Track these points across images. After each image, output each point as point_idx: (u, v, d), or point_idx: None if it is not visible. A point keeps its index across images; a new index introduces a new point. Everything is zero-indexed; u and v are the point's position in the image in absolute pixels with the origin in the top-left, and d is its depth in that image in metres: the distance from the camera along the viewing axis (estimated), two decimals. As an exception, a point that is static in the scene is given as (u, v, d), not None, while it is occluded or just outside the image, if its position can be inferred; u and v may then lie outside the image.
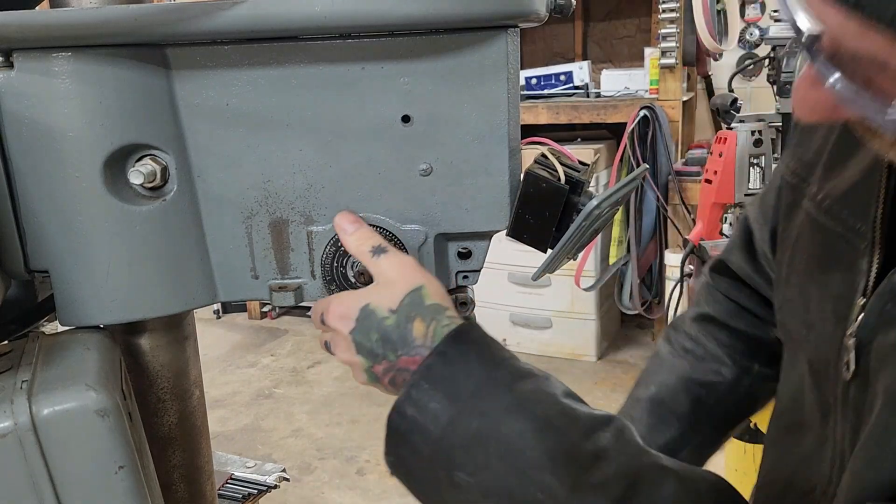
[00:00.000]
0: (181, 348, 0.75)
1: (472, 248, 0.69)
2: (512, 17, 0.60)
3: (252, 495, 1.10)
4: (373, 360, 0.61)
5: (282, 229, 0.67)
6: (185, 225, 0.66)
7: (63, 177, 0.61)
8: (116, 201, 0.62)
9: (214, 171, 0.65)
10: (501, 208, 0.66)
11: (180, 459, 0.76)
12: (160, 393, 0.74)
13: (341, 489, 2.59)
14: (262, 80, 0.63)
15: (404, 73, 0.62)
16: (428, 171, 0.65)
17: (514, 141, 0.65)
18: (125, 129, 0.61)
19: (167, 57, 0.62)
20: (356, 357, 0.61)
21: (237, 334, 4.10)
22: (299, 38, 0.62)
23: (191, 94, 0.63)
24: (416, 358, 0.58)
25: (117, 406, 0.56)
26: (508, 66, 0.62)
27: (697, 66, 3.40)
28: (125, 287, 0.64)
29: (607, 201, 0.61)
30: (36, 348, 0.61)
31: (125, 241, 0.63)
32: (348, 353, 0.62)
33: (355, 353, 0.61)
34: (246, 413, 3.16)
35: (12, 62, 0.59)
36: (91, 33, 0.57)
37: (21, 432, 0.53)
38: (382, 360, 0.60)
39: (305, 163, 0.65)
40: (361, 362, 0.61)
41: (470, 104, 0.63)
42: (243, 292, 0.69)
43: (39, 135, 0.61)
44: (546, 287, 3.35)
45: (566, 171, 0.65)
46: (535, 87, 3.61)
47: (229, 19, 0.57)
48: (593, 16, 4.05)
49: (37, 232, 0.63)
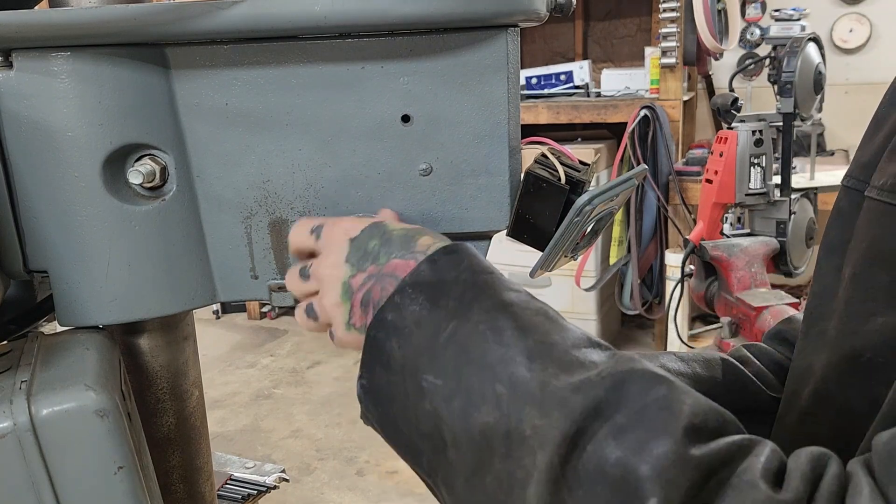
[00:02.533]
0: (180, 349, 0.75)
1: (472, 248, 0.69)
2: (512, 16, 0.60)
3: (251, 496, 1.10)
4: (357, 267, 0.57)
5: (281, 229, 0.67)
6: (184, 225, 0.65)
7: (62, 177, 0.61)
8: (116, 201, 0.62)
9: (214, 171, 0.65)
10: (501, 208, 0.66)
11: (179, 460, 0.76)
12: (159, 393, 0.74)
13: (341, 490, 2.59)
14: (261, 79, 0.63)
15: (404, 72, 0.62)
16: (428, 170, 0.65)
17: (515, 141, 0.65)
18: (124, 128, 0.61)
19: (166, 56, 0.62)
20: (341, 269, 0.58)
21: (236, 334, 4.10)
22: (299, 38, 0.62)
23: (190, 94, 0.63)
24: (409, 262, 0.55)
25: (116, 406, 0.56)
26: (508, 66, 0.62)
27: (698, 66, 3.40)
28: (124, 287, 0.64)
29: (599, 198, 0.61)
30: (35, 348, 0.61)
31: (124, 242, 0.63)
32: (334, 268, 0.58)
33: (343, 262, 0.58)
34: (245, 413, 3.16)
35: (11, 62, 0.59)
36: (90, 33, 0.57)
37: (20, 433, 0.53)
38: (369, 265, 0.56)
39: (305, 163, 0.65)
40: (342, 276, 0.58)
41: (470, 104, 0.63)
42: (243, 292, 0.69)
43: (39, 134, 0.60)
44: (546, 287, 3.35)
45: (566, 170, 0.65)
46: (536, 86, 3.61)
47: (229, 19, 0.57)
48: (594, 15, 4.05)
49: (36, 232, 0.63)
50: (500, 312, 0.50)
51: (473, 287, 0.52)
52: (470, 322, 0.50)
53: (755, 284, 2.15)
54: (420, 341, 0.51)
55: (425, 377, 0.50)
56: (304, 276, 0.62)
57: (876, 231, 0.59)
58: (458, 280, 0.52)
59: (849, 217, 0.63)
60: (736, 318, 2.11)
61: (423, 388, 0.50)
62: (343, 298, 0.58)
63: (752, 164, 2.28)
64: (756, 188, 2.30)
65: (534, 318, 0.50)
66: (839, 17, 3.67)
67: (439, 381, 0.49)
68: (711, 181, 2.34)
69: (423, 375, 0.50)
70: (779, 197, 2.32)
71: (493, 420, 0.46)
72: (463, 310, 0.50)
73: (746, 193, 2.29)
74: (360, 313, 0.57)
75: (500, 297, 0.51)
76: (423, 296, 0.52)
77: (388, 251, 0.56)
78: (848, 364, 0.58)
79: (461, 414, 0.47)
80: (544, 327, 0.49)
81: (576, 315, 3.38)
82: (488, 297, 0.51)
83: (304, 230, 0.63)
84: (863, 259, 0.60)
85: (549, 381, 0.45)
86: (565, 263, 0.69)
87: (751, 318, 2.03)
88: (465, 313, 0.50)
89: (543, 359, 0.47)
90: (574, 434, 0.42)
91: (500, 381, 0.46)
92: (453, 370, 0.49)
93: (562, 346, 0.48)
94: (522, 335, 0.48)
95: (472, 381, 0.47)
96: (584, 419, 0.42)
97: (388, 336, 0.52)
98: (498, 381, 0.46)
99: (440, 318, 0.50)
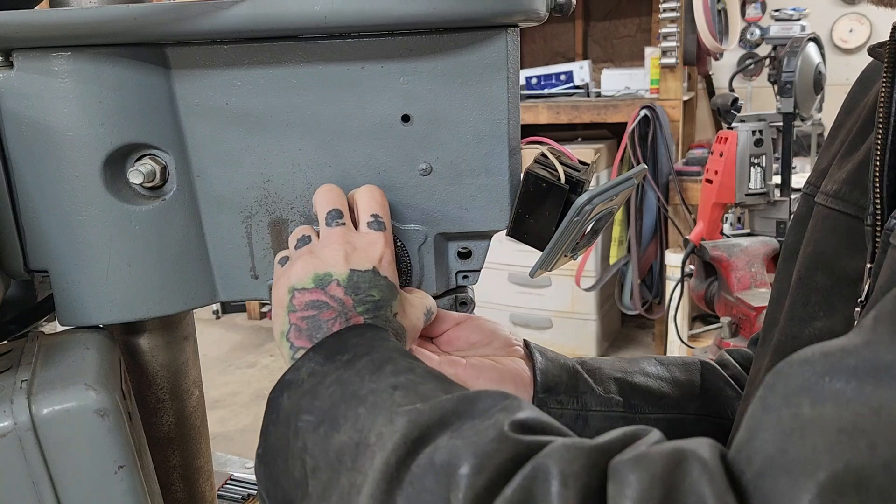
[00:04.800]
0: (180, 348, 0.75)
1: (472, 247, 0.69)
2: (512, 16, 0.60)
3: (251, 496, 1.10)
4: (347, 286, 0.56)
5: (281, 229, 0.67)
6: (184, 225, 0.65)
7: (63, 176, 0.61)
8: (116, 201, 0.62)
9: (214, 171, 0.65)
10: (501, 208, 0.66)
11: (179, 460, 0.76)
12: (159, 393, 0.74)
13: (341, 489, 2.59)
14: (261, 79, 0.63)
15: (404, 72, 0.62)
16: (428, 170, 0.65)
17: (514, 140, 0.65)
18: (125, 128, 0.61)
19: (167, 56, 0.62)
20: (344, 263, 0.57)
21: (236, 334, 4.10)
22: (299, 38, 0.62)
23: (190, 94, 0.63)
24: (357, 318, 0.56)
25: (117, 406, 0.56)
26: (508, 66, 0.62)
27: (698, 66, 3.40)
28: (125, 287, 0.64)
29: (599, 198, 0.61)
30: (35, 348, 0.61)
31: (125, 241, 0.63)
32: (343, 258, 0.57)
33: (349, 266, 0.57)
34: (245, 413, 3.16)
35: (12, 62, 0.59)
36: (91, 33, 0.57)
37: (21, 432, 0.53)
38: (350, 296, 0.56)
39: (305, 162, 0.65)
40: (335, 271, 0.57)
41: (470, 104, 0.63)
42: (243, 292, 0.69)
43: (39, 134, 0.61)
44: (546, 287, 3.35)
45: (566, 170, 0.65)
46: (536, 86, 3.61)
47: (229, 19, 0.57)
48: (594, 15, 4.05)
49: (36, 232, 0.63)
50: (384, 362, 0.51)
51: (368, 346, 0.53)
52: (354, 369, 0.51)
53: (755, 284, 2.15)
54: (306, 388, 0.51)
55: (301, 417, 0.50)
56: (282, 264, 0.62)
57: (819, 235, 0.60)
58: (357, 344, 0.53)
59: (803, 223, 0.64)
60: (736, 318, 2.11)
61: (298, 428, 0.50)
62: (314, 278, 0.57)
63: (752, 164, 2.28)
64: (756, 188, 2.30)
65: (415, 367, 0.51)
66: (839, 17, 3.67)
67: (312, 417, 0.49)
68: (711, 181, 2.34)
69: (301, 416, 0.50)
70: (779, 197, 2.32)
71: (348, 437, 0.46)
72: (353, 361, 0.51)
73: (746, 193, 2.30)
74: (305, 302, 0.57)
75: (389, 354, 0.52)
76: (320, 355, 0.53)
77: (370, 315, 0.57)
78: None
79: (323, 438, 0.48)
80: (422, 374, 0.50)
81: (576, 315, 3.38)
82: (378, 353, 0.52)
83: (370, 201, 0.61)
84: (807, 263, 0.60)
85: (406, 403, 0.46)
86: (565, 263, 0.69)
87: (751, 318, 2.03)
88: (354, 363, 0.51)
89: (408, 390, 0.48)
90: (416, 438, 0.42)
91: (364, 404, 0.47)
92: (328, 405, 0.49)
93: (431, 386, 0.48)
94: (396, 374, 0.49)
95: (339, 409, 0.48)
96: (428, 427, 0.43)
97: (282, 392, 0.53)
98: (362, 404, 0.47)
99: (329, 369, 0.52)
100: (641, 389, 0.70)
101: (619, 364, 0.73)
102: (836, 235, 0.58)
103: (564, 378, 0.68)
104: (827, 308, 0.57)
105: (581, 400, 0.68)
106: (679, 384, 0.72)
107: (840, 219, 0.58)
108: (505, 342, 0.71)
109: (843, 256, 0.57)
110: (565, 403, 0.67)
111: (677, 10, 3.05)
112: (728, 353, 0.78)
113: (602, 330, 3.46)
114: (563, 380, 0.68)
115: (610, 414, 0.68)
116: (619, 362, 0.73)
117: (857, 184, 0.57)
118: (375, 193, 0.62)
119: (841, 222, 0.58)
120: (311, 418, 0.49)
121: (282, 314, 0.58)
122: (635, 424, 0.41)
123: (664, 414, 0.69)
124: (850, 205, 0.57)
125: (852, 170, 0.58)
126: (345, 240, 0.59)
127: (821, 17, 3.59)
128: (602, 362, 0.72)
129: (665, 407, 0.70)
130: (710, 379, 0.73)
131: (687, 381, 0.72)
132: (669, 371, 0.73)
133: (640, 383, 0.70)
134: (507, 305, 3.44)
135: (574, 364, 0.70)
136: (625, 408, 0.68)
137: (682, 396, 0.71)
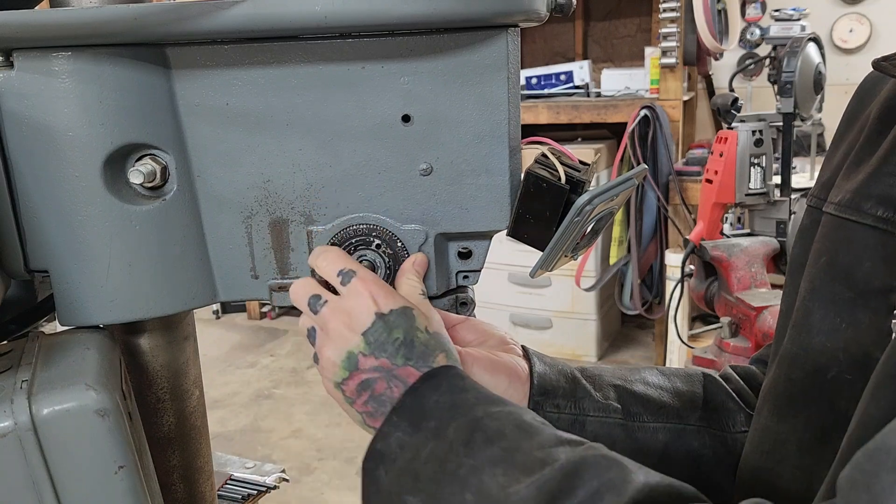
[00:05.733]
0: (181, 348, 0.75)
1: (472, 247, 0.69)
2: (512, 16, 0.60)
3: (251, 496, 1.10)
4: (372, 349, 0.59)
5: (282, 229, 0.67)
6: (184, 225, 0.65)
7: (63, 176, 0.61)
8: (116, 201, 0.62)
9: (214, 171, 0.65)
10: (502, 208, 0.66)
11: (179, 460, 0.76)
12: (160, 393, 0.74)
13: (341, 490, 2.59)
14: (262, 79, 0.63)
15: (404, 72, 0.62)
16: (428, 170, 0.65)
17: (515, 141, 0.65)
18: (125, 128, 0.61)
19: (167, 56, 0.62)
20: (355, 338, 0.60)
21: (236, 334, 4.10)
22: (300, 38, 0.62)
23: (191, 94, 0.63)
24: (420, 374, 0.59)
25: (117, 406, 0.56)
26: (509, 66, 0.62)
27: (698, 66, 3.40)
28: (125, 287, 0.64)
29: (599, 198, 0.61)
30: (36, 348, 0.61)
31: (125, 241, 0.63)
32: (348, 331, 0.60)
33: (360, 332, 0.60)
34: (245, 413, 3.16)
35: (12, 62, 0.59)
36: (91, 33, 0.57)
37: (21, 432, 0.53)
38: (384, 357, 0.59)
39: (305, 162, 0.65)
40: (353, 345, 0.60)
41: (470, 104, 0.63)
42: (243, 292, 0.69)
43: (39, 134, 0.61)
44: (546, 287, 3.35)
45: (567, 170, 0.65)
46: (536, 86, 3.61)
47: (229, 19, 0.57)
48: (594, 15, 4.05)
49: (37, 231, 0.63)
50: (473, 427, 0.53)
51: (451, 408, 0.55)
52: (446, 441, 0.53)
53: (755, 284, 2.15)
54: (402, 464, 0.54)
55: (405, 498, 0.53)
56: (314, 309, 0.64)
57: (833, 246, 0.59)
58: (438, 403, 0.56)
59: (810, 235, 0.64)
60: (736, 318, 2.10)
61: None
62: (344, 364, 0.61)
63: (752, 164, 2.28)
64: (756, 188, 2.30)
65: (504, 428, 0.53)
66: (839, 17, 3.67)
67: (417, 499, 0.52)
68: (711, 181, 2.34)
69: (405, 496, 0.53)
70: (779, 197, 2.32)
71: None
72: (441, 429, 0.54)
73: (746, 193, 2.29)
74: (354, 389, 0.60)
75: (474, 414, 0.54)
76: (405, 422, 0.56)
77: (407, 355, 0.59)
78: (812, 380, 0.59)
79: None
80: (513, 435, 0.53)
81: (576, 315, 3.38)
82: (462, 415, 0.55)
83: (333, 265, 0.63)
84: (822, 274, 0.60)
85: (511, 485, 0.48)
86: (565, 263, 0.69)
87: (751, 318, 2.03)
88: (443, 433, 0.54)
89: (507, 464, 0.50)
90: None
91: (469, 489, 0.50)
92: (430, 486, 0.52)
93: (527, 450, 0.51)
94: (489, 445, 0.52)
95: (444, 493, 0.51)
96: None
97: (377, 465, 0.56)
98: (467, 490, 0.50)
99: (420, 440, 0.54)
100: (641, 398, 0.70)
101: (620, 372, 0.73)
102: (854, 246, 0.57)
103: (562, 382, 0.68)
104: (851, 320, 0.57)
105: (578, 405, 0.68)
106: (680, 395, 0.72)
107: (855, 229, 0.57)
108: (500, 340, 0.71)
109: (866, 267, 0.56)
110: (562, 408, 0.67)
111: (677, 10, 3.05)
112: (731, 368, 0.78)
113: (602, 330, 3.46)
114: (561, 384, 0.68)
115: (607, 420, 0.68)
116: (621, 371, 0.73)
117: (871, 194, 0.57)
118: (327, 254, 0.64)
119: (857, 232, 0.57)
120: (416, 501, 0.52)
121: (348, 409, 0.62)
122: (633, 432, 0.43)
123: (663, 423, 0.69)
124: (866, 215, 0.57)
125: (865, 180, 0.58)
126: (338, 313, 0.62)
127: (821, 17, 3.59)
128: (603, 370, 0.73)
129: (665, 417, 0.70)
130: (712, 391, 0.73)
131: (688, 392, 0.72)
132: (671, 381, 0.73)
133: (640, 392, 0.70)
134: (508, 305, 3.44)
135: (573, 370, 0.70)
136: (623, 415, 0.69)
137: (683, 407, 0.71)
